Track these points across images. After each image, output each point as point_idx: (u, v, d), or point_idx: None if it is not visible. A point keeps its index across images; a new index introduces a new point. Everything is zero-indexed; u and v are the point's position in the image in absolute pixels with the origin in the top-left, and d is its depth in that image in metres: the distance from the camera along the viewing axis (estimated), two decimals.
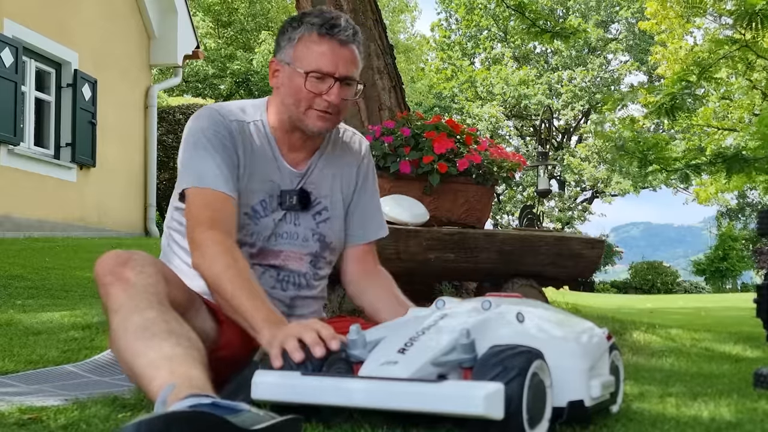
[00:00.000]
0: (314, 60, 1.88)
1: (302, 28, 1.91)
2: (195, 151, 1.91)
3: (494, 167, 3.60)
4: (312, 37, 1.89)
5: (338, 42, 1.89)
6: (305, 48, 1.90)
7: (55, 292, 4.69)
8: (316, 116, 1.91)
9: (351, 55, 1.91)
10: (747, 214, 30.61)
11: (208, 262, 1.79)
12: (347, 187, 2.09)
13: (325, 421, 1.51)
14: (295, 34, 1.92)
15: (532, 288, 3.50)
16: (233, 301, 1.74)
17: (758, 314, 2.35)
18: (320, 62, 1.88)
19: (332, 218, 2.05)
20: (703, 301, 13.47)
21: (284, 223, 1.98)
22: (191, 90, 23.70)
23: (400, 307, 2.00)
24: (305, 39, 1.90)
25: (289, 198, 1.97)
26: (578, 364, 1.51)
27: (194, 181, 1.88)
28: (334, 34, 1.88)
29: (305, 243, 2.01)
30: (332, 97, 1.89)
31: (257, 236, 1.96)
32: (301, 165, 2.01)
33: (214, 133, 1.91)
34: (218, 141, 1.91)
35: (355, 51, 1.93)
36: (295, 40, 1.91)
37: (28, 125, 9.48)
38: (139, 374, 1.50)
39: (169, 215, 2.06)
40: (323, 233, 2.04)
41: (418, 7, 33.43)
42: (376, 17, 4.75)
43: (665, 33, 18.96)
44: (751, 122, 15.87)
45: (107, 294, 1.63)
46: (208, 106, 2.02)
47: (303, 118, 1.92)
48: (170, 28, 11.82)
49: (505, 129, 32.29)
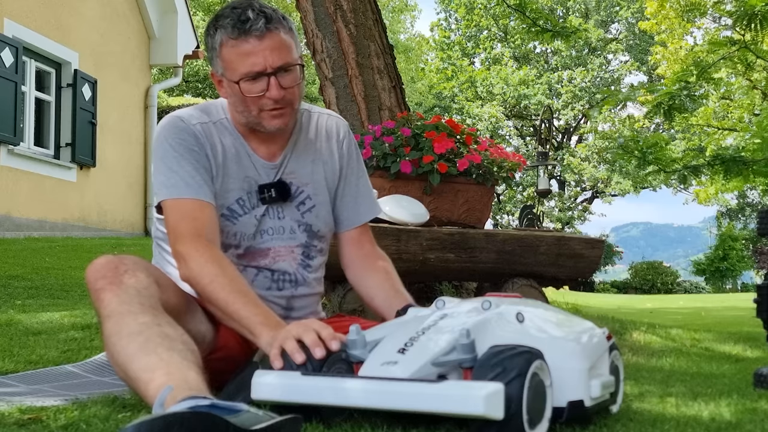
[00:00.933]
0: (239, 65, 1.81)
1: (218, 35, 1.83)
2: (163, 162, 1.87)
3: (494, 167, 3.60)
4: (229, 42, 1.81)
5: (255, 37, 1.79)
6: (228, 55, 1.82)
7: (55, 292, 4.69)
8: (269, 116, 1.86)
9: (274, 42, 1.81)
10: (747, 214, 30.61)
11: (195, 275, 1.76)
12: (331, 172, 2.04)
13: (325, 421, 1.51)
14: (215, 42, 1.85)
15: (532, 288, 3.50)
16: (228, 310, 1.72)
17: (758, 314, 2.36)
18: (245, 64, 1.80)
19: (317, 205, 2.01)
20: (703, 301, 13.47)
21: (267, 218, 1.94)
22: (191, 90, 23.69)
23: (396, 297, 1.97)
24: (225, 45, 1.82)
25: (267, 192, 1.92)
26: (578, 364, 1.51)
27: (167, 193, 1.85)
28: (248, 30, 1.79)
29: (292, 235, 1.97)
30: (273, 93, 1.82)
31: (241, 236, 1.92)
32: (275, 157, 1.96)
33: (179, 140, 1.87)
34: (184, 147, 1.87)
35: (279, 34, 1.82)
36: (217, 49, 1.84)
37: (28, 125, 9.48)
38: (135, 378, 1.49)
39: (154, 225, 2.04)
40: (309, 222, 1.99)
41: (418, 7, 33.42)
42: (376, 17, 4.75)
43: (665, 33, 18.97)
44: (751, 122, 15.87)
45: (99, 300, 1.63)
46: (169, 114, 1.96)
47: (258, 121, 1.87)
48: (170, 27, 11.83)
49: (505, 129, 32.29)
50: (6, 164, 8.83)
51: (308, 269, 2.02)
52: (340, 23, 4.59)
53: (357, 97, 4.53)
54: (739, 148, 8.35)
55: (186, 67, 21.02)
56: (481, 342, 1.47)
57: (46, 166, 9.54)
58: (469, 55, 32.97)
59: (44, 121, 9.91)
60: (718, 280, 23.94)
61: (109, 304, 1.60)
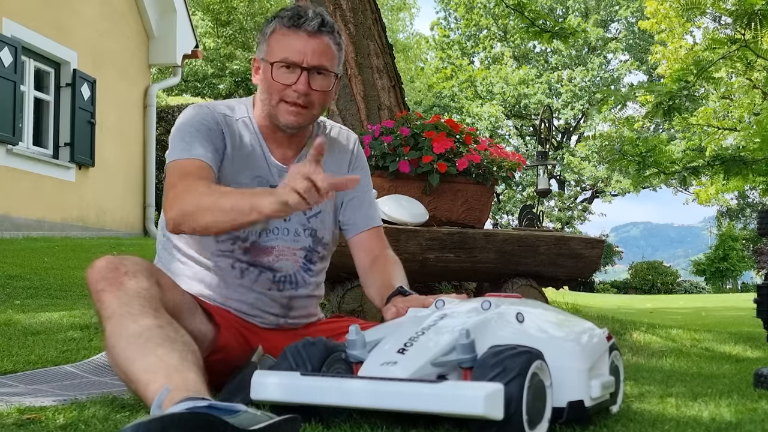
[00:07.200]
0: (281, 50, 1.90)
1: (274, 23, 1.95)
2: (179, 135, 1.91)
3: (494, 167, 3.60)
4: (281, 30, 1.92)
5: (306, 32, 1.90)
6: (275, 41, 1.93)
7: (54, 292, 4.68)
8: (286, 110, 1.92)
9: (320, 44, 1.91)
10: (747, 215, 30.62)
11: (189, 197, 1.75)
12: None
13: (324, 421, 1.51)
14: (267, 29, 1.96)
15: (531, 288, 3.49)
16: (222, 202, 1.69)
17: (758, 314, 2.35)
18: (287, 51, 1.89)
19: (323, 212, 2.06)
20: (703, 301, 13.49)
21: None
22: (190, 89, 23.67)
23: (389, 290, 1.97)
24: (276, 33, 1.93)
25: None
26: (578, 364, 1.51)
27: (172, 156, 1.88)
28: (301, 24, 1.90)
29: (297, 238, 2.01)
30: (300, 86, 1.89)
31: (248, 230, 1.95)
32: (289, 160, 2.02)
33: (199, 120, 1.93)
34: (202, 125, 1.92)
35: (327, 41, 1.92)
36: (268, 35, 1.95)
37: (27, 125, 9.47)
38: (135, 379, 1.49)
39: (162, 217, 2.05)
40: (314, 227, 2.04)
41: (417, 5, 33.41)
42: (375, 16, 4.75)
43: (665, 32, 18.96)
44: (750, 122, 15.86)
45: (100, 300, 1.63)
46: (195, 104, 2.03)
47: (275, 112, 1.94)
48: (169, 27, 11.81)
49: (504, 128, 32.31)
50: (5, 164, 8.82)
51: (309, 273, 2.05)
52: (339, 22, 4.58)
53: (356, 96, 4.52)
54: (739, 147, 8.34)
55: (185, 67, 21.01)
56: (480, 342, 1.46)
57: (44, 165, 9.53)
58: (468, 55, 32.98)
59: (43, 121, 9.90)
60: (718, 280, 23.96)
61: (110, 305, 1.60)
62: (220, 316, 1.92)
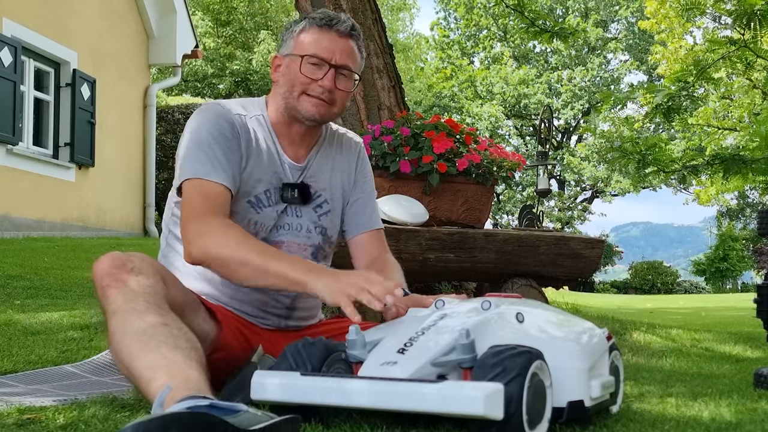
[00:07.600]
0: (312, 46, 1.96)
1: (303, 22, 2.01)
2: (195, 144, 1.92)
3: (494, 167, 3.60)
4: (312, 29, 1.98)
5: (337, 33, 1.97)
6: (305, 38, 1.98)
7: (54, 292, 4.68)
8: (309, 102, 1.96)
9: (349, 47, 1.98)
10: (747, 215, 30.62)
11: (220, 241, 1.79)
12: (347, 182, 2.14)
13: (324, 421, 1.51)
14: (296, 27, 2.01)
15: (531, 288, 3.49)
16: (266, 264, 1.74)
17: (758, 314, 2.35)
18: (317, 48, 1.95)
19: (332, 211, 2.10)
20: (703, 301, 13.49)
21: (286, 215, 2.01)
22: (190, 89, 23.66)
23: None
24: (306, 30, 1.99)
25: (291, 191, 2.00)
26: (578, 364, 1.51)
27: (192, 171, 1.89)
28: (333, 25, 1.97)
29: (308, 234, 2.04)
30: (327, 83, 1.94)
31: (260, 226, 1.97)
32: (301, 159, 2.05)
33: (216, 125, 1.94)
34: (219, 133, 1.93)
35: (354, 45, 2.00)
36: (296, 32, 2.00)
37: (27, 125, 9.47)
38: (137, 376, 1.49)
39: (169, 212, 2.06)
40: (325, 225, 2.08)
41: (417, 5, 33.39)
42: (375, 16, 4.75)
43: (665, 32, 18.96)
44: (750, 122, 15.86)
45: (105, 296, 1.63)
46: (210, 102, 2.05)
47: (296, 104, 1.97)
48: (169, 27, 11.81)
49: (504, 128, 32.31)
50: (5, 164, 8.82)
51: None
52: None
53: (356, 96, 4.52)
54: (739, 147, 8.35)
55: (185, 67, 21.01)
56: (480, 342, 1.46)
57: (44, 165, 9.53)
58: (468, 55, 32.98)
59: (43, 121, 9.90)
60: (718, 280, 23.95)
61: (115, 301, 1.60)
62: (222, 314, 1.92)
